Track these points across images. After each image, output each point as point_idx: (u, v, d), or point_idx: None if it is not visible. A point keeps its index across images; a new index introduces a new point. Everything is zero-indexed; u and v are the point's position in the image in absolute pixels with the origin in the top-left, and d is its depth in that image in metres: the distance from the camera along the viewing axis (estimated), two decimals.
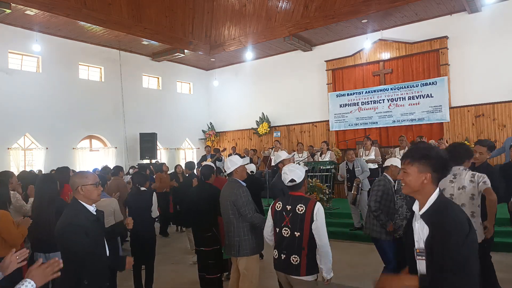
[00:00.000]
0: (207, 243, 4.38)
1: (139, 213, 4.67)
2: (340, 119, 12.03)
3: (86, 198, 2.76)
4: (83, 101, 11.33)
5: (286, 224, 3.04)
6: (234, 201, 3.66)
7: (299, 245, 2.97)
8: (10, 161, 9.74)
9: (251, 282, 3.72)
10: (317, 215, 2.95)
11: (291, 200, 3.10)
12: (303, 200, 3.05)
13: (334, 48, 12.21)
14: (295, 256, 2.97)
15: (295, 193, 3.13)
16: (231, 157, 3.93)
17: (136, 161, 12.13)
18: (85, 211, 2.74)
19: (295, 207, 3.03)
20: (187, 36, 12.58)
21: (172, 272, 5.98)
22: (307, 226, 2.94)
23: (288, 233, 3.02)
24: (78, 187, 2.74)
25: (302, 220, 2.96)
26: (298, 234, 2.97)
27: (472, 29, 9.92)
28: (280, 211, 3.12)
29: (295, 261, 2.97)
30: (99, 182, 2.89)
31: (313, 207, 2.97)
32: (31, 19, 9.57)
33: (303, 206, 2.99)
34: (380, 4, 9.64)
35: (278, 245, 3.12)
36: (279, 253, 3.08)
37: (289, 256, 3.00)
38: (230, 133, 15.05)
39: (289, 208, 3.05)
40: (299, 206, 3.01)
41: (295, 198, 3.10)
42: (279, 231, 3.10)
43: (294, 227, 3.00)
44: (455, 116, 10.24)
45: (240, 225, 3.70)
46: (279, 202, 3.18)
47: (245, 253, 3.70)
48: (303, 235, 2.95)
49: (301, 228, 2.96)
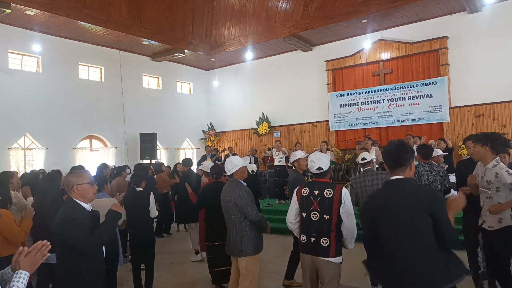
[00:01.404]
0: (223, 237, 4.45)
1: (137, 214, 4.68)
2: (340, 119, 12.03)
3: (82, 197, 2.76)
4: (83, 101, 11.33)
5: (315, 208, 3.15)
6: (237, 202, 3.66)
7: (329, 227, 3.10)
8: (10, 161, 9.74)
9: (250, 282, 3.72)
10: (344, 198, 3.10)
11: (318, 185, 3.22)
12: (330, 185, 3.19)
13: (334, 48, 12.21)
14: (325, 238, 3.10)
15: (321, 180, 3.26)
16: (231, 159, 3.91)
17: (136, 161, 12.10)
18: (81, 208, 2.75)
19: (322, 191, 3.15)
20: (187, 36, 12.58)
21: (172, 272, 5.98)
22: (335, 209, 3.09)
23: (317, 217, 3.13)
24: (73, 186, 2.74)
25: (331, 204, 3.10)
26: (327, 217, 3.10)
27: (472, 29, 9.93)
28: (307, 196, 3.22)
29: (325, 243, 3.10)
30: (94, 181, 2.89)
31: (340, 191, 3.12)
32: (31, 19, 9.57)
33: (331, 190, 3.13)
34: (380, 4, 9.64)
35: (306, 229, 3.21)
36: (308, 237, 3.19)
37: (319, 238, 3.12)
38: (230, 133, 15.06)
39: (317, 192, 3.17)
40: (327, 191, 3.14)
41: (321, 183, 3.23)
42: (306, 215, 3.21)
43: (323, 210, 3.12)
44: (455, 116, 10.25)
45: (242, 225, 3.71)
46: (305, 188, 3.27)
47: (248, 253, 3.70)
48: (332, 218, 3.09)
49: (330, 211, 3.09)
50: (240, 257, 3.72)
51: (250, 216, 3.67)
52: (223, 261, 4.60)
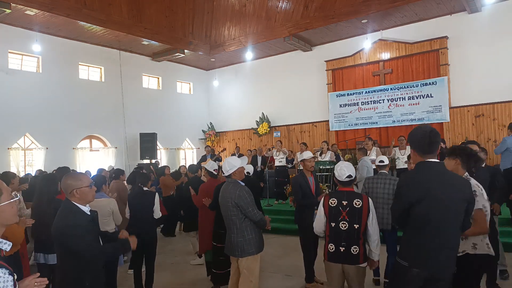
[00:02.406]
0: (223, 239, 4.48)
1: (141, 213, 4.67)
2: (340, 119, 12.04)
3: (81, 200, 2.75)
4: (83, 101, 11.33)
5: (344, 218, 3.27)
6: (237, 202, 3.63)
7: (358, 236, 3.23)
8: (10, 161, 9.74)
9: (251, 282, 3.71)
10: (371, 208, 3.26)
11: (346, 195, 3.32)
12: (357, 195, 3.32)
13: (334, 48, 12.21)
14: (355, 246, 3.22)
15: (347, 189, 3.38)
16: (229, 159, 3.87)
17: (136, 161, 12.14)
18: (81, 213, 2.73)
19: (351, 201, 3.26)
20: (187, 36, 12.58)
21: (172, 273, 5.98)
22: (364, 218, 3.23)
23: (346, 226, 3.25)
24: (73, 190, 2.71)
25: (360, 213, 3.22)
26: (357, 226, 3.23)
27: (472, 29, 9.93)
28: (335, 207, 3.32)
29: (355, 251, 3.22)
30: (92, 183, 2.89)
31: (368, 201, 3.27)
32: (31, 19, 9.57)
33: (359, 201, 3.25)
34: (380, 4, 9.64)
35: (335, 239, 3.30)
36: (336, 246, 3.28)
37: (350, 247, 3.23)
38: (230, 133, 15.06)
39: (345, 203, 3.28)
40: (356, 201, 3.25)
41: (348, 193, 3.34)
42: (335, 225, 3.30)
43: (352, 220, 3.24)
44: (455, 116, 10.25)
45: (243, 225, 3.68)
46: (333, 199, 3.35)
47: (251, 253, 3.69)
48: (361, 227, 3.23)
49: (359, 221, 3.22)
50: (242, 257, 3.71)
51: (251, 216, 3.66)
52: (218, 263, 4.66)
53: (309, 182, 4.85)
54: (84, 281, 2.62)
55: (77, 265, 2.62)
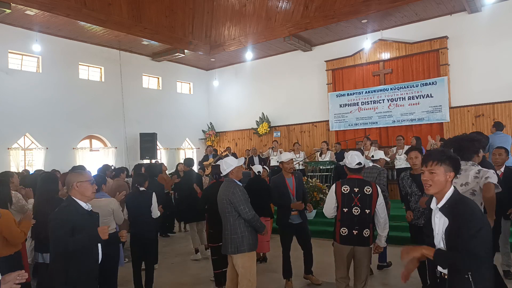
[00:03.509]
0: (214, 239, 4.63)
1: (139, 214, 4.68)
2: (340, 119, 12.03)
3: (81, 195, 2.82)
4: (83, 101, 11.33)
5: (356, 204, 3.55)
6: (231, 199, 3.74)
7: (369, 220, 3.56)
8: (10, 161, 9.74)
9: (249, 280, 3.76)
10: (380, 194, 3.57)
11: (357, 183, 3.61)
12: (367, 182, 3.62)
13: (334, 48, 12.21)
14: (367, 229, 3.55)
15: (357, 176, 3.66)
16: (226, 159, 3.99)
17: (136, 161, 12.12)
18: (77, 206, 2.79)
19: (362, 189, 3.56)
20: (187, 36, 12.58)
21: (173, 272, 5.98)
22: (374, 203, 3.54)
23: (359, 211, 3.54)
24: (73, 184, 2.81)
25: (371, 199, 3.53)
26: (368, 211, 3.54)
27: (472, 29, 9.92)
28: (348, 194, 3.59)
29: (366, 234, 3.55)
30: (94, 180, 2.94)
31: (377, 188, 3.59)
32: (31, 19, 9.57)
33: (370, 188, 3.56)
34: (380, 4, 9.64)
35: (348, 223, 3.59)
36: (350, 230, 3.57)
37: (362, 230, 3.55)
38: (230, 133, 15.06)
39: (357, 190, 3.57)
40: (367, 188, 3.56)
41: (359, 181, 3.63)
42: (348, 210, 3.58)
43: (364, 205, 3.54)
44: (455, 116, 10.24)
45: (236, 222, 3.78)
46: (346, 186, 3.62)
47: (243, 250, 3.76)
48: (371, 211, 3.55)
49: (370, 206, 3.54)
50: (235, 254, 3.78)
51: (243, 214, 3.74)
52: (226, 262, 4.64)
53: (287, 183, 4.93)
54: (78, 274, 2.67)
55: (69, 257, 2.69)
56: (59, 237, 2.67)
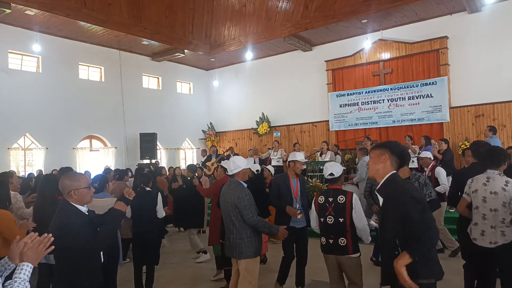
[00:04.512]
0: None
1: (143, 214, 4.67)
2: (340, 119, 12.03)
3: (79, 201, 2.74)
4: (83, 101, 11.33)
5: (330, 213, 3.60)
6: (236, 204, 3.61)
7: (344, 228, 3.53)
8: (10, 161, 9.74)
9: (250, 283, 3.68)
10: (354, 204, 3.53)
11: (332, 192, 3.66)
12: (342, 192, 3.63)
13: (334, 48, 12.20)
14: (342, 238, 3.53)
15: (334, 187, 3.70)
16: (234, 158, 3.83)
17: (136, 161, 12.14)
18: (77, 212, 2.72)
19: (336, 198, 3.59)
20: (187, 36, 12.57)
21: (172, 272, 5.98)
22: (348, 212, 3.52)
23: (332, 220, 3.58)
24: (71, 191, 2.70)
25: (344, 208, 3.54)
26: (342, 220, 3.54)
27: (472, 29, 9.92)
28: (323, 204, 3.64)
29: (343, 243, 3.53)
30: (91, 184, 2.88)
31: (351, 197, 3.56)
32: (31, 19, 9.57)
33: (343, 197, 3.57)
34: (380, 4, 9.63)
35: (325, 232, 3.64)
36: (326, 239, 3.62)
37: (337, 239, 3.54)
38: (230, 133, 15.05)
39: (331, 199, 3.61)
40: (340, 197, 3.57)
41: (334, 191, 3.66)
42: (323, 220, 3.63)
43: (337, 214, 3.56)
44: (455, 116, 10.24)
45: (242, 227, 3.65)
46: (321, 196, 3.69)
47: (248, 256, 3.66)
48: (346, 220, 3.52)
49: (344, 215, 3.53)
50: (239, 259, 3.69)
51: (247, 220, 3.61)
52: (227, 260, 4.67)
53: (291, 184, 4.64)
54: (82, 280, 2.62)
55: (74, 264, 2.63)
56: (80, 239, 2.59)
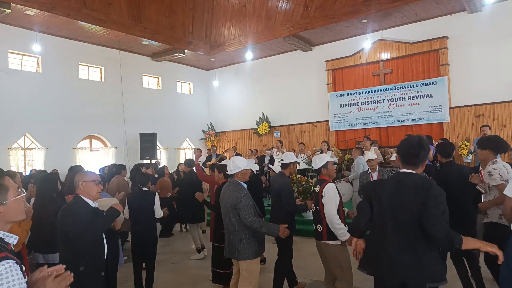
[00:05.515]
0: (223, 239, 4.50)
1: (141, 214, 4.67)
2: (340, 119, 12.03)
3: (87, 194, 2.98)
4: (83, 101, 11.33)
5: (314, 201, 3.87)
6: (235, 205, 3.59)
7: (319, 216, 3.73)
8: (10, 161, 9.73)
9: (250, 283, 3.68)
10: (324, 193, 3.68)
11: (317, 182, 3.92)
12: (322, 181, 3.82)
13: (334, 48, 12.21)
14: (319, 225, 3.75)
15: (320, 177, 3.89)
16: (234, 159, 3.82)
17: (136, 161, 12.10)
18: (83, 203, 2.96)
19: (316, 187, 3.86)
20: (187, 36, 12.57)
21: (172, 272, 5.98)
22: (320, 201, 3.71)
23: (314, 208, 3.87)
24: (79, 183, 2.98)
25: (317, 197, 3.76)
26: (318, 208, 3.76)
27: (472, 29, 9.92)
28: (315, 193, 3.89)
29: (320, 229, 3.75)
30: (99, 180, 3.06)
31: (324, 187, 3.71)
32: (31, 19, 9.57)
33: (318, 186, 3.79)
34: (380, 4, 9.63)
35: (313, 219, 3.92)
36: (315, 226, 3.84)
37: (316, 225, 3.81)
38: (230, 133, 15.05)
39: (317, 188, 3.85)
40: (317, 186, 3.82)
41: (319, 180, 3.88)
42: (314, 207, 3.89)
43: (315, 202, 3.83)
44: (455, 116, 10.24)
45: (241, 227, 3.63)
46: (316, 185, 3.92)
47: (247, 257, 3.65)
48: (320, 209, 3.71)
49: (317, 203, 3.76)
50: (239, 260, 3.69)
51: (244, 221, 3.57)
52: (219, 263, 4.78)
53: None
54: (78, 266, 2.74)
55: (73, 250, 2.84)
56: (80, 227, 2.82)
